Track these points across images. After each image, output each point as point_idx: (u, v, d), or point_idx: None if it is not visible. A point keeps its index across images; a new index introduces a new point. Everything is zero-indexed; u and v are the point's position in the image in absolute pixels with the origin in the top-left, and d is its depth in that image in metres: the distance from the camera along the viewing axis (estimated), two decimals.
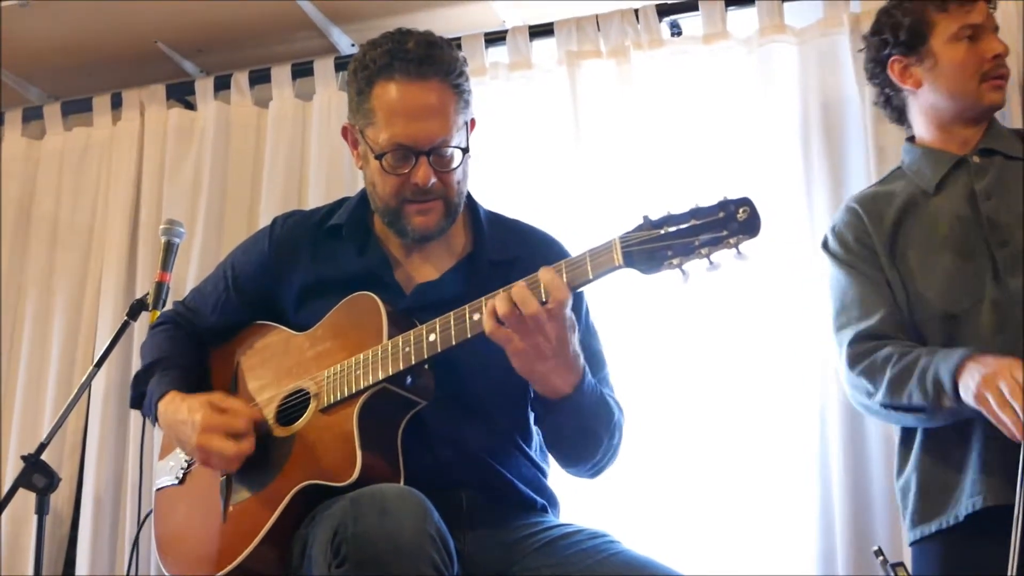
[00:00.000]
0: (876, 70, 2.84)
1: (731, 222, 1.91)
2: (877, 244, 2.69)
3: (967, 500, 2.46)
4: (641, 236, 1.97)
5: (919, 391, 2.43)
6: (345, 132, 2.49)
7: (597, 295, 2.59)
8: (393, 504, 1.94)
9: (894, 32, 2.76)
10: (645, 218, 1.99)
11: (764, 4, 3.45)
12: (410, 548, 1.89)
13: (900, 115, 2.87)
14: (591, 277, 2.03)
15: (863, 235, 2.72)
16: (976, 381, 2.30)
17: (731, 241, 1.91)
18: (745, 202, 1.92)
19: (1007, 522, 2.19)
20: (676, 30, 3.64)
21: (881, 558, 2.32)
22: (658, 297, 3.31)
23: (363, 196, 2.51)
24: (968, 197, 2.66)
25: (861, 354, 2.59)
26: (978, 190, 2.65)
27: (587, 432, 2.30)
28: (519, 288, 2.07)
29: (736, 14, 3.52)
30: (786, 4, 3.45)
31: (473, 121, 2.47)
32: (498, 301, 2.08)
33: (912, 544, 2.61)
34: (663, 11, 3.58)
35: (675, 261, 1.94)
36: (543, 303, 2.05)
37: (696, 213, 1.94)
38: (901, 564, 2.31)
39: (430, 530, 1.93)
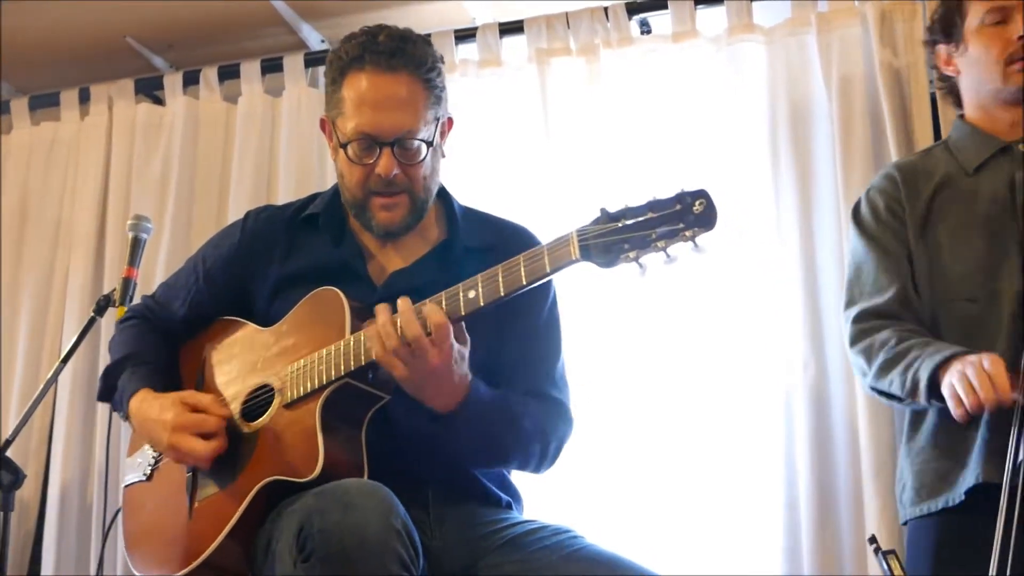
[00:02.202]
0: (932, 59, 2.86)
1: (687, 215, 1.89)
2: (908, 215, 2.68)
3: (968, 479, 2.45)
4: (598, 229, 1.95)
5: (899, 382, 2.45)
6: (323, 124, 2.48)
7: (562, 288, 2.58)
8: (358, 499, 1.94)
9: (935, 21, 2.79)
10: (603, 211, 1.97)
11: (733, 3, 3.46)
12: (376, 543, 1.89)
13: (957, 98, 2.85)
14: (548, 271, 2.01)
15: (895, 204, 2.70)
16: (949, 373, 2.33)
17: (687, 234, 1.89)
18: (701, 194, 1.90)
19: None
20: (645, 28, 3.65)
21: (875, 546, 2.33)
22: (624, 292, 3.31)
23: (338, 187, 2.51)
24: (1008, 184, 2.62)
25: (864, 331, 2.59)
26: (1018, 179, 2.62)
27: (488, 439, 2.27)
28: (406, 316, 2.07)
29: (705, 13, 3.53)
30: (755, 3, 3.46)
31: (451, 120, 2.47)
32: (382, 328, 2.08)
33: (913, 520, 2.61)
34: (632, 9, 3.59)
35: (632, 255, 1.92)
36: (427, 333, 2.05)
37: (653, 206, 1.93)
38: (893, 552, 2.31)
39: (396, 524, 1.92)
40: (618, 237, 1.93)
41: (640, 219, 1.93)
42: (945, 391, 2.35)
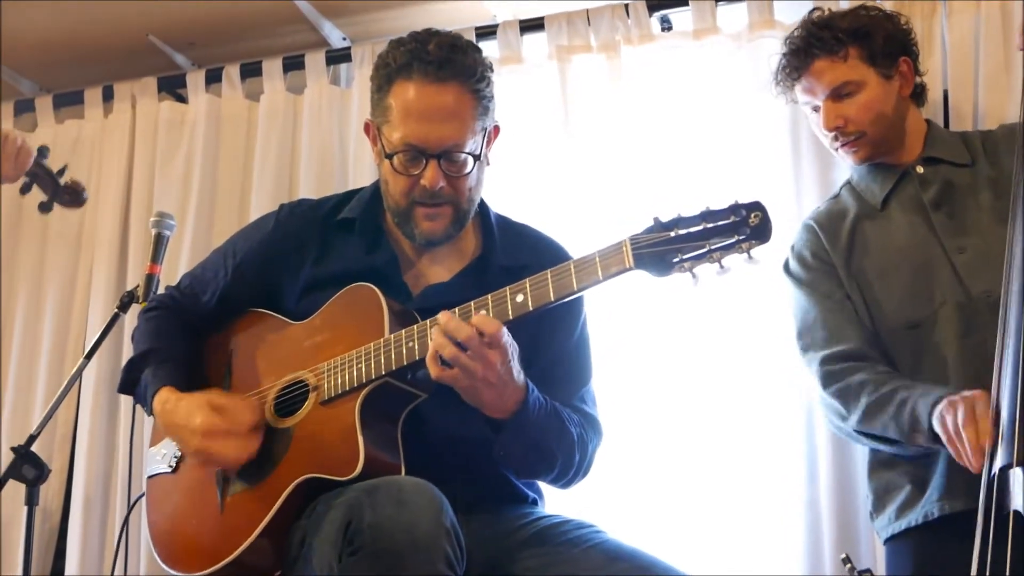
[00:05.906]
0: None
1: (743, 227, 1.92)
2: (835, 258, 2.75)
3: (939, 502, 2.48)
4: (652, 238, 1.96)
5: (895, 424, 2.44)
6: (367, 128, 2.47)
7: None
8: (410, 496, 1.94)
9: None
10: (655, 220, 1.98)
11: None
12: (426, 541, 1.89)
13: None
14: (600, 278, 2.01)
15: (820, 251, 2.78)
16: (943, 406, 2.30)
17: (744, 246, 1.92)
18: (757, 207, 1.93)
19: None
20: (666, 25, 3.64)
21: (849, 565, 2.33)
22: (648, 298, 3.31)
23: (376, 190, 2.50)
24: (918, 208, 2.71)
25: (835, 374, 2.61)
26: (927, 201, 2.70)
27: (539, 447, 2.27)
28: (454, 322, 2.07)
29: (726, 9, 3.52)
30: (775, 0, 3.45)
31: (497, 128, 2.46)
32: (438, 345, 2.07)
33: (887, 541, 2.63)
34: (653, 6, 3.58)
35: (687, 264, 1.94)
36: (481, 335, 2.05)
37: (706, 216, 1.95)
38: (868, 571, 2.32)
39: (446, 524, 1.93)
40: (672, 247, 1.95)
41: (694, 229, 1.95)
42: (936, 424, 2.32)
